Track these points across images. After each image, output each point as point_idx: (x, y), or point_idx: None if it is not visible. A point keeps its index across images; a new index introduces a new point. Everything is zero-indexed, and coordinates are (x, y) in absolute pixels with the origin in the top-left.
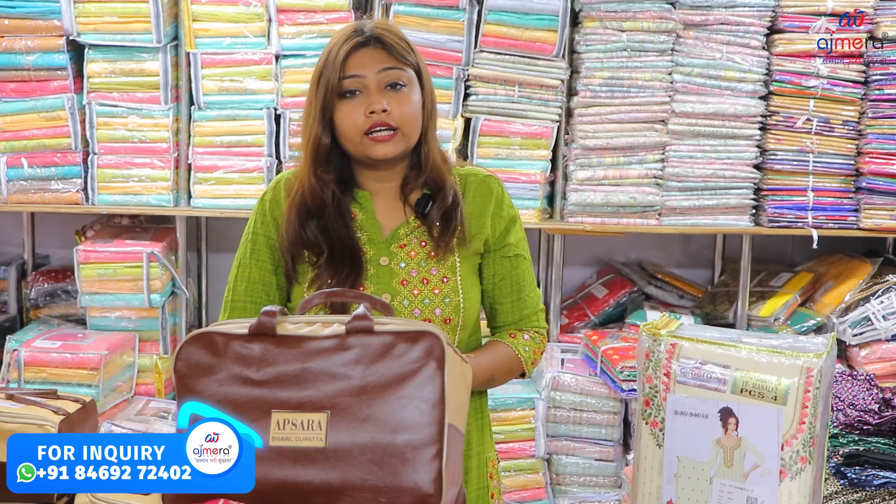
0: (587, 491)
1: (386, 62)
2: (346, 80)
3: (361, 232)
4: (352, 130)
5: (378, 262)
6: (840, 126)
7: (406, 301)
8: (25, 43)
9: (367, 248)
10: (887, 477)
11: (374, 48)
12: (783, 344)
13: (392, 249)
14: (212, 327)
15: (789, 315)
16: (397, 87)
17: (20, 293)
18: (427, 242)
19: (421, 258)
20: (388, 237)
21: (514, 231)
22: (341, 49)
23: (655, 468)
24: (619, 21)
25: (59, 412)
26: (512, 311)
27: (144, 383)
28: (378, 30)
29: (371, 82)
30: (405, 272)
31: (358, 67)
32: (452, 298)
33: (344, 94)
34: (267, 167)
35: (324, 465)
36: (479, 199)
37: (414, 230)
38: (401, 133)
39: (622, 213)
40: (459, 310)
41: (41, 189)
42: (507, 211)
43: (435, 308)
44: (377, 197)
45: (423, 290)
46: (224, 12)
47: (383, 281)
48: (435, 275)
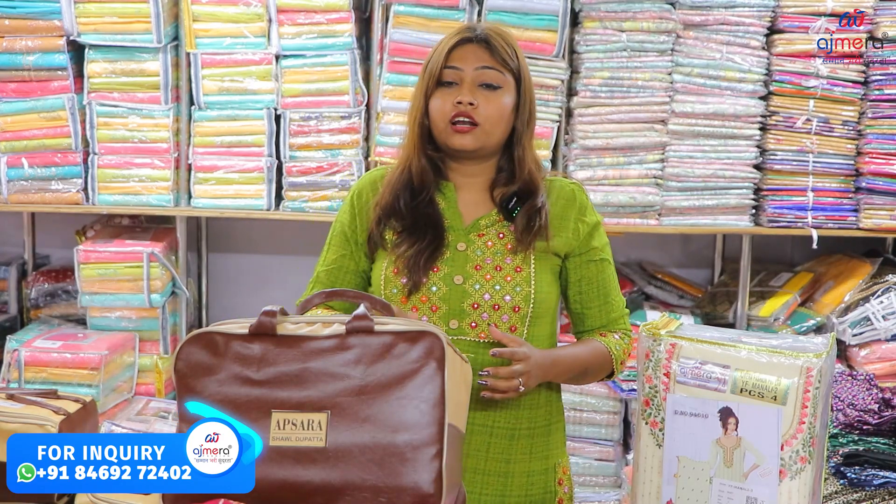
0: (587, 491)
1: (485, 61)
2: (446, 69)
3: (444, 219)
4: (439, 116)
5: (455, 247)
6: (840, 126)
7: (477, 285)
8: (26, 43)
9: (448, 234)
10: (887, 477)
11: (479, 46)
12: (783, 344)
13: (471, 237)
14: (212, 327)
15: (789, 315)
16: (491, 87)
17: (20, 293)
18: (506, 235)
19: (498, 248)
20: (468, 226)
21: (597, 236)
22: (449, 41)
23: (655, 468)
24: (619, 21)
25: (60, 412)
26: (599, 315)
27: (145, 383)
28: (488, 31)
29: (467, 76)
30: (480, 258)
31: (458, 60)
32: (524, 288)
33: (442, 82)
34: (267, 167)
35: (324, 464)
36: (562, 202)
37: (495, 223)
38: (481, 129)
39: (622, 213)
40: (529, 300)
41: (41, 189)
42: (590, 217)
43: (505, 295)
44: (461, 190)
45: (495, 276)
46: (224, 12)
47: (458, 264)
48: (509, 264)
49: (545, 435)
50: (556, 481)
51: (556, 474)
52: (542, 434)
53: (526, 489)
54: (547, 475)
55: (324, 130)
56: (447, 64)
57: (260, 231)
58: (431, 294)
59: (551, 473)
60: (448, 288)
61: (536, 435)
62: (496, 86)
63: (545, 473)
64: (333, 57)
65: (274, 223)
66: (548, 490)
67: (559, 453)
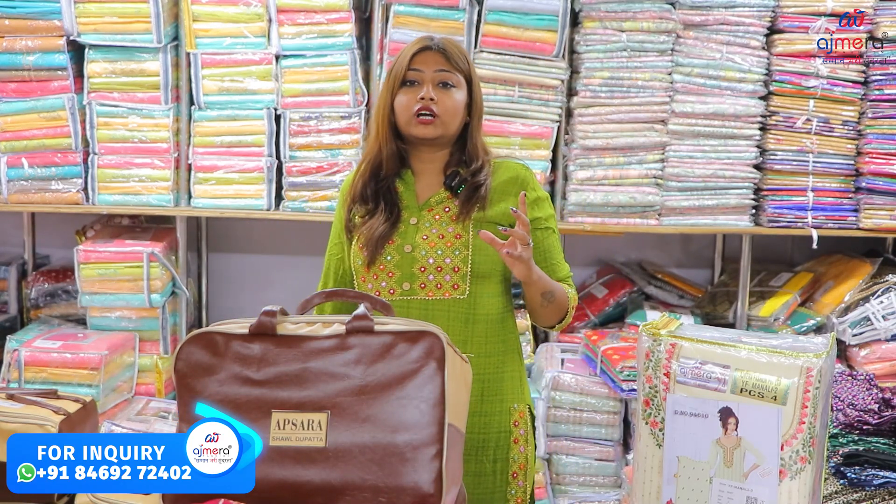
0: (587, 491)
1: (442, 65)
2: (410, 71)
3: (401, 200)
4: (404, 111)
5: (409, 221)
6: (840, 126)
7: (423, 251)
8: (26, 43)
9: (403, 212)
10: (887, 477)
11: (437, 53)
12: (783, 344)
13: (422, 213)
14: (212, 327)
15: (789, 315)
16: (446, 86)
17: (20, 293)
18: (451, 209)
19: (443, 220)
20: (421, 204)
21: (540, 209)
22: (412, 49)
23: (655, 468)
24: (619, 21)
25: (60, 412)
26: (549, 275)
27: (145, 383)
28: (444, 41)
29: (427, 77)
30: (428, 229)
31: (420, 64)
32: (462, 251)
33: (405, 82)
34: (267, 167)
35: (324, 464)
36: (505, 178)
37: (444, 199)
38: (440, 120)
39: (622, 213)
40: (468, 261)
41: (41, 189)
42: (532, 192)
43: (446, 258)
44: (419, 175)
45: (438, 243)
46: (224, 12)
47: (409, 235)
48: (451, 232)
49: (498, 381)
50: (511, 422)
51: (512, 416)
52: (494, 380)
53: (479, 427)
54: (502, 416)
55: (324, 130)
56: (410, 66)
57: (260, 231)
58: (387, 262)
59: (506, 415)
60: (400, 256)
61: (488, 380)
62: (451, 84)
63: (500, 415)
64: (333, 57)
65: (274, 223)
66: (502, 429)
67: (515, 398)
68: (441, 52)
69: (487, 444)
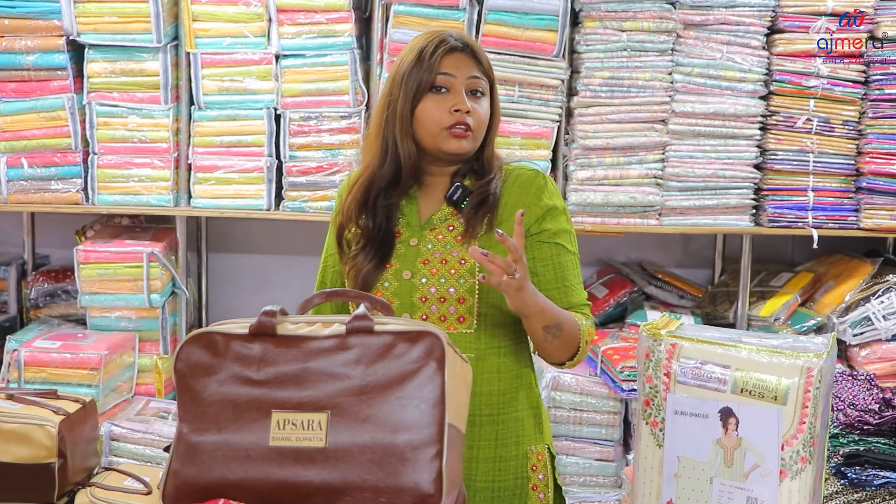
0: (587, 491)
1: (474, 70)
2: (440, 76)
3: (402, 217)
4: (434, 123)
5: (409, 242)
6: (840, 126)
7: (424, 279)
8: (25, 43)
9: (404, 231)
10: (887, 477)
11: (467, 55)
12: (783, 344)
13: (424, 233)
14: (212, 327)
15: (789, 315)
16: (477, 94)
17: (20, 293)
18: (455, 227)
19: (447, 241)
20: (423, 222)
21: (552, 220)
22: (438, 49)
23: (655, 468)
24: (619, 21)
25: (59, 412)
26: (559, 298)
27: (144, 383)
28: (467, 39)
29: (459, 84)
30: (430, 252)
31: (451, 68)
32: (467, 280)
33: (433, 88)
34: (267, 167)
35: (324, 465)
36: (518, 189)
37: (447, 217)
38: (473, 135)
39: (622, 213)
40: (474, 291)
41: (41, 189)
42: (546, 200)
43: (449, 287)
44: (426, 188)
45: (440, 269)
46: (224, 12)
47: (408, 259)
48: (455, 256)
49: (514, 422)
50: (528, 467)
51: (530, 460)
52: (509, 422)
53: (493, 475)
54: (518, 461)
55: (324, 130)
56: (440, 70)
57: (260, 231)
58: (384, 290)
59: (523, 459)
60: (398, 283)
61: (502, 422)
62: (481, 91)
63: (516, 459)
64: (333, 57)
65: (274, 223)
66: (519, 476)
67: (533, 440)
68: (472, 55)
69: (502, 495)
